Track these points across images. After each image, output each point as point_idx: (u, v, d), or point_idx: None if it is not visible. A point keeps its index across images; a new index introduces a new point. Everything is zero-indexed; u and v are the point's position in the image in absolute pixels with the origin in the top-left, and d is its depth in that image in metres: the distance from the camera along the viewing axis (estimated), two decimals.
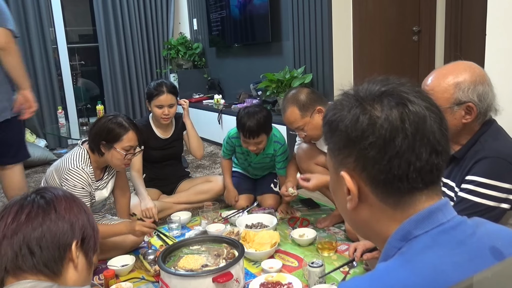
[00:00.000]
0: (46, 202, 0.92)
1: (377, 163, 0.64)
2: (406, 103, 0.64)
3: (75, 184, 1.99)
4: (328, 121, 0.70)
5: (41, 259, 0.87)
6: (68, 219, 0.91)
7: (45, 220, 0.89)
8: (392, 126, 0.63)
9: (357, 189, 0.68)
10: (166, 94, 2.64)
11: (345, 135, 0.66)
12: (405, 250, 0.64)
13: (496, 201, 1.34)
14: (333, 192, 0.76)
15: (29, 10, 4.69)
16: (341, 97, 0.71)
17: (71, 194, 0.99)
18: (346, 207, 0.71)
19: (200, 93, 5.47)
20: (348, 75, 3.68)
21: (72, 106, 5.31)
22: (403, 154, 0.63)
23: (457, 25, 3.90)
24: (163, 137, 2.81)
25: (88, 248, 0.95)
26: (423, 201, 0.66)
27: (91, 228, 0.96)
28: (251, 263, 2.05)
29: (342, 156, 0.68)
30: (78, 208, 0.95)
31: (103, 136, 2.03)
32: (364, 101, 0.66)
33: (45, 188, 0.97)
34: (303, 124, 2.19)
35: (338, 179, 0.71)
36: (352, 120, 0.65)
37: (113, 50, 5.30)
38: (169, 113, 2.68)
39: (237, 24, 4.71)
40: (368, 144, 0.63)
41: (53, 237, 0.88)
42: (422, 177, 0.64)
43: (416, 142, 0.63)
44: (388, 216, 0.67)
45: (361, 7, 3.64)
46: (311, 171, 2.40)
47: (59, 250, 0.88)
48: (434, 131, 0.64)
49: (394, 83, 0.68)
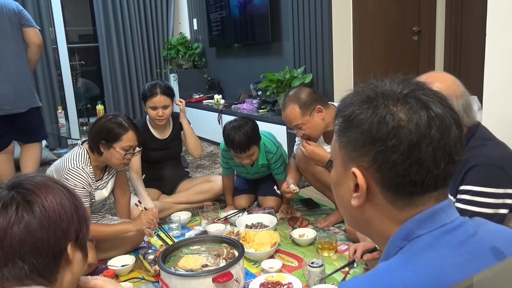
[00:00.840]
0: (28, 202, 0.83)
1: (395, 167, 0.62)
2: (432, 108, 0.62)
3: (76, 184, 1.99)
4: (347, 116, 0.67)
5: (35, 270, 0.80)
6: (60, 224, 0.83)
7: (36, 228, 0.81)
8: (420, 132, 0.61)
9: (366, 187, 0.66)
10: (159, 95, 2.62)
11: (366, 134, 0.64)
12: (406, 249, 0.64)
13: (494, 208, 1.34)
14: (335, 185, 0.74)
15: (29, 10, 4.67)
16: (361, 90, 0.68)
17: (49, 178, 0.90)
18: (347, 202, 0.70)
19: (200, 93, 5.47)
20: (348, 75, 3.68)
21: (72, 106, 5.31)
22: (424, 161, 0.61)
23: (457, 25, 3.90)
24: (160, 137, 2.80)
25: (83, 242, 0.89)
26: (431, 203, 0.65)
27: (83, 222, 0.88)
28: (251, 263, 2.05)
29: (357, 153, 0.66)
30: (70, 206, 0.87)
31: (102, 136, 2.03)
32: (388, 99, 0.64)
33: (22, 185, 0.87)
34: (302, 123, 2.19)
35: (345, 173, 0.69)
36: (378, 120, 0.63)
37: (113, 50, 5.30)
38: (163, 114, 2.66)
39: (237, 24, 4.71)
40: (391, 147, 0.62)
41: (46, 247, 0.81)
42: (436, 183, 0.64)
43: (439, 150, 0.62)
44: (392, 216, 0.66)
45: (361, 7, 3.64)
46: (310, 171, 2.41)
47: (54, 258, 0.82)
48: (455, 139, 0.63)
49: (414, 84, 0.66)
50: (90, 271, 2.03)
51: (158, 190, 2.85)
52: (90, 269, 2.02)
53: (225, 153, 2.64)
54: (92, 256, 2.01)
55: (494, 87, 2.22)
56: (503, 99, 2.18)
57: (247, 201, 2.75)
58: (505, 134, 2.18)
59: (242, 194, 2.77)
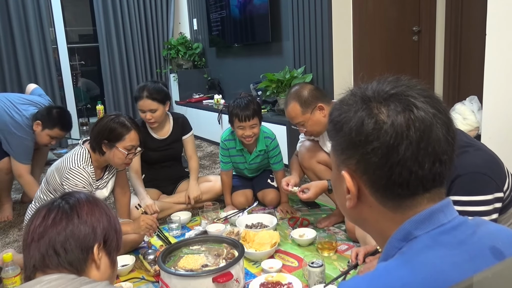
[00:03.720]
0: (70, 207, 0.99)
1: (378, 169, 0.63)
2: (413, 109, 0.62)
3: (76, 183, 1.99)
4: (333, 121, 0.69)
5: (66, 259, 0.94)
6: (90, 223, 0.98)
7: (69, 224, 0.96)
8: (397, 133, 0.61)
9: (357, 189, 0.67)
10: (144, 99, 2.59)
11: (348, 138, 0.65)
12: (405, 250, 0.64)
13: (486, 215, 1.34)
14: (334, 187, 0.77)
15: (29, 10, 4.69)
16: (348, 96, 0.69)
17: (94, 198, 1.05)
18: (344, 203, 0.71)
19: (200, 93, 5.47)
20: (348, 75, 3.68)
21: (72, 106, 5.30)
22: (405, 162, 0.61)
23: (457, 25, 3.89)
24: (159, 137, 2.79)
25: (110, 248, 1.01)
26: (424, 204, 0.65)
27: (113, 230, 1.02)
28: (251, 263, 2.05)
29: (344, 156, 0.67)
30: (100, 211, 1.01)
31: (105, 135, 2.03)
32: (371, 103, 0.64)
33: (70, 193, 1.05)
34: (304, 120, 2.20)
35: (339, 176, 0.70)
36: (357, 123, 0.64)
37: (113, 50, 5.30)
38: (151, 118, 2.62)
39: (237, 24, 4.71)
40: (371, 150, 0.62)
41: (76, 241, 0.95)
42: (423, 184, 0.63)
43: (420, 151, 0.61)
44: (387, 218, 0.67)
45: (361, 7, 3.64)
46: (313, 169, 2.42)
47: (82, 252, 0.95)
48: (439, 140, 0.62)
49: (404, 85, 0.65)
50: None
51: (158, 190, 2.84)
52: None
53: (228, 143, 2.71)
54: None
55: (494, 87, 2.22)
56: (503, 99, 2.18)
57: (244, 196, 2.76)
58: (505, 134, 2.19)
59: (239, 190, 2.79)
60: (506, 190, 1.37)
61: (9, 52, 4.70)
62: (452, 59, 4.00)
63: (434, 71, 4.11)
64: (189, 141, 2.88)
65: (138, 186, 2.64)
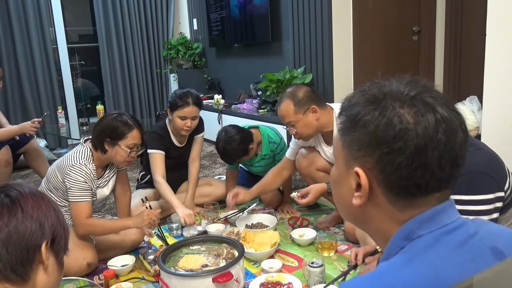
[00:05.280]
0: (11, 200, 0.83)
1: (400, 170, 0.62)
2: (438, 111, 0.62)
3: (78, 178, 1.99)
4: (352, 116, 0.66)
5: (8, 264, 0.78)
6: (37, 218, 0.83)
7: (11, 220, 0.80)
8: (427, 135, 0.60)
9: (368, 187, 0.66)
10: (191, 106, 2.55)
11: (372, 135, 0.63)
12: (407, 250, 0.64)
13: (487, 214, 1.34)
14: (335, 183, 0.74)
15: (29, 10, 4.69)
16: (368, 91, 0.67)
17: (39, 191, 0.89)
18: (348, 201, 0.69)
19: (200, 93, 5.44)
20: (348, 75, 3.68)
21: (72, 106, 5.31)
22: (429, 165, 0.61)
23: (457, 25, 3.90)
24: (179, 145, 2.77)
25: (58, 248, 0.87)
26: (433, 204, 0.65)
27: (61, 227, 0.88)
28: (251, 263, 2.05)
29: (361, 153, 0.65)
30: (47, 205, 0.87)
31: (107, 134, 2.04)
32: (395, 102, 0.63)
33: (10, 185, 0.88)
34: (295, 121, 2.17)
35: (347, 172, 0.69)
36: (384, 122, 0.62)
37: (113, 50, 5.30)
38: (191, 125, 2.60)
39: (237, 24, 4.71)
40: (396, 149, 0.61)
41: (21, 239, 0.80)
42: (439, 186, 0.64)
43: (445, 154, 0.61)
44: (393, 217, 0.66)
45: (361, 7, 3.64)
46: (312, 177, 2.38)
47: (27, 252, 0.80)
48: (462, 143, 0.63)
49: (422, 87, 0.65)
50: (90, 271, 2.03)
51: None
52: (90, 269, 2.02)
53: None
54: (92, 256, 2.01)
55: (494, 87, 2.22)
56: (503, 99, 2.18)
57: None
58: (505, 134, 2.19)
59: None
60: (507, 189, 1.37)
61: (9, 52, 4.71)
62: (452, 59, 4.00)
63: (434, 71, 4.11)
64: (198, 142, 2.85)
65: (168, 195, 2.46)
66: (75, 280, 1.85)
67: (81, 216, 1.99)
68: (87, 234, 2.06)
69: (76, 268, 1.94)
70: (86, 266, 1.98)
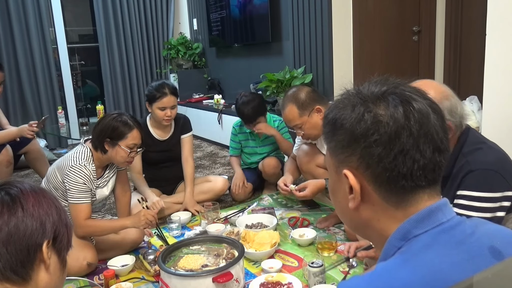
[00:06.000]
0: (12, 198, 0.80)
1: (382, 161, 0.64)
2: (410, 101, 0.65)
3: (77, 180, 1.99)
4: (331, 120, 0.70)
5: (8, 264, 0.76)
6: (38, 217, 0.81)
7: (11, 218, 0.78)
8: (398, 123, 0.63)
9: (360, 187, 0.68)
10: (169, 96, 2.62)
11: (349, 133, 0.66)
12: (404, 250, 0.64)
13: (491, 212, 1.35)
14: (332, 193, 0.76)
15: (29, 10, 4.69)
16: (343, 96, 0.71)
17: (40, 188, 0.87)
18: (346, 207, 0.71)
19: (200, 93, 5.47)
20: (348, 75, 3.68)
21: (72, 106, 5.31)
22: (408, 151, 0.63)
23: (457, 25, 3.90)
24: (160, 138, 2.79)
25: (61, 246, 0.85)
26: (425, 200, 0.66)
27: (63, 225, 0.85)
28: (251, 263, 2.05)
29: (345, 154, 0.68)
30: (48, 203, 0.84)
31: (107, 134, 2.05)
32: (367, 99, 0.67)
33: (10, 182, 0.85)
34: (301, 123, 2.19)
35: (338, 178, 0.71)
36: (357, 118, 0.66)
37: (113, 50, 5.30)
38: (171, 115, 2.66)
39: (237, 24, 4.71)
40: (373, 141, 0.64)
41: (21, 238, 0.77)
42: (425, 174, 0.65)
43: (421, 139, 0.64)
44: (389, 215, 0.67)
45: (361, 7, 3.64)
46: (312, 173, 2.40)
47: (28, 252, 0.78)
48: (437, 129, 0.65)
49: (394, 83, 0.69)
50: (90, 271, 2.03)
51: (158, 190, 2.84)
52: (90, 269, 2.02)
53: (238, 128, 3.03)
54: (92, 256, 2.01)
55: (494, 87, 2.22)
56: (503, 99, 2.18)
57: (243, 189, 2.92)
58: (505, 134, 2.19)
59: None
60: None
61: (9, 52, 4.71)
62: (452, 59, 4.00)
63: (434, 71, 4.11)
64: (186, 141, 2.86)
65: (142, 186, 2.68)
66: (75, 280, 1.85)
67: (80, 217, 2.00)
68: (86, 235, 2.07)
69: (76, 268, 1.94)
70: (86, 266, 1.98)
